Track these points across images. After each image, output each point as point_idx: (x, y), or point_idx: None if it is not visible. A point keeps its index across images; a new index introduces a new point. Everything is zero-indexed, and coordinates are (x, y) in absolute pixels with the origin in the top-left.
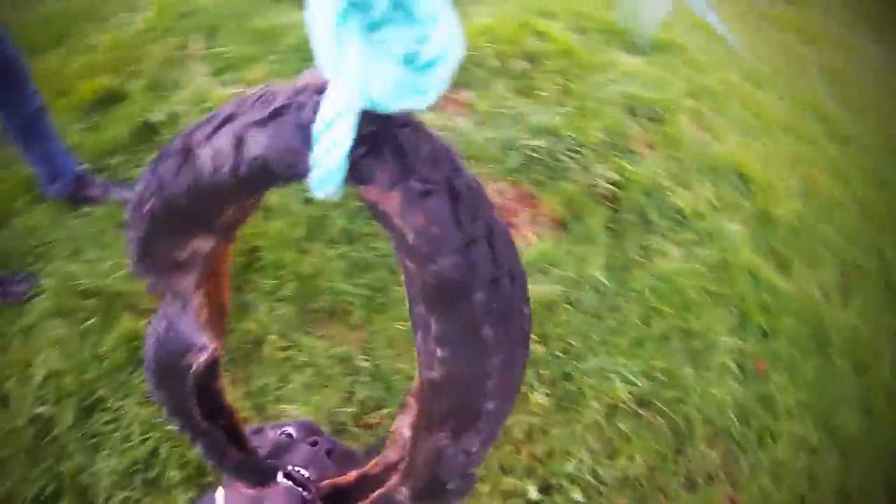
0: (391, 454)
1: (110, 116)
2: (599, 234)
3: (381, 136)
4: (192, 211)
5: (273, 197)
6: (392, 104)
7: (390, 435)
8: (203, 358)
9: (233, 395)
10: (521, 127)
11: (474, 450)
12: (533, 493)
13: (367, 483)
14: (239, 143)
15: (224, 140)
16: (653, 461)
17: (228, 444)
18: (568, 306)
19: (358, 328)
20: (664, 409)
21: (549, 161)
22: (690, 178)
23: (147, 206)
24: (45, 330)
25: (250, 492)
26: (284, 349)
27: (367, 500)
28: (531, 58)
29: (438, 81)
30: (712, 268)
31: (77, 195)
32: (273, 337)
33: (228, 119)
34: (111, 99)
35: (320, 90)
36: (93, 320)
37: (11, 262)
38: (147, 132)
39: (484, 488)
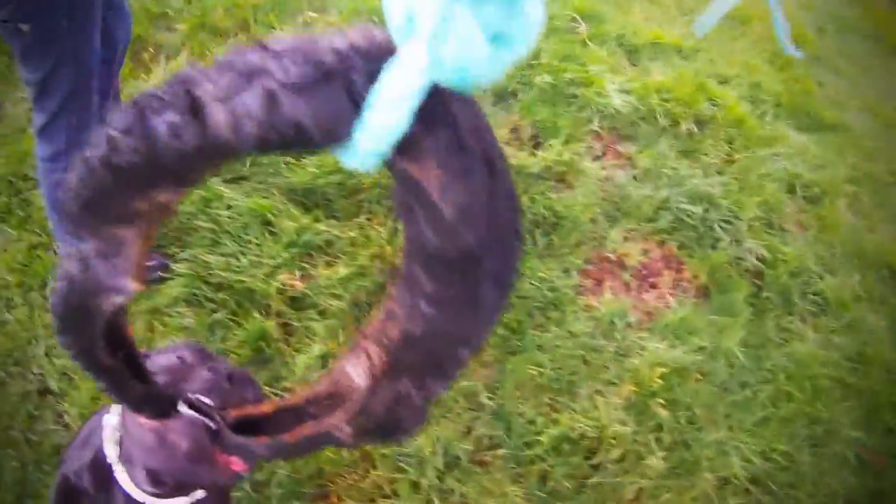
0: (320, 388)
1: None
2: (741, 309)
3: (435, 109)
4: (178, 168)
5: None
6: (464, 80)
7: (328, 370)
8: (121, 301)
9: None
10: (679, 189)
11: (435, 392)
12: None
13: (286, 416)
14: (272, 103)
15: (251, 99)
16: None
17: (131, 378)
18: (699, 375)
19: (488, 366)
20: (776, 489)
21: (701, 228)
22: (838, 264)
23: (122, 159)
24: (172, 316)
25: (151, 423)
26: None
27: (294, 435)
28: (700, 122)
29: (515, 60)
30: (848, 358)
31: None
32: None
33: (253, 75)
34: None
35: (371, 55)
36: (221, 314)
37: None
38: None
39: None
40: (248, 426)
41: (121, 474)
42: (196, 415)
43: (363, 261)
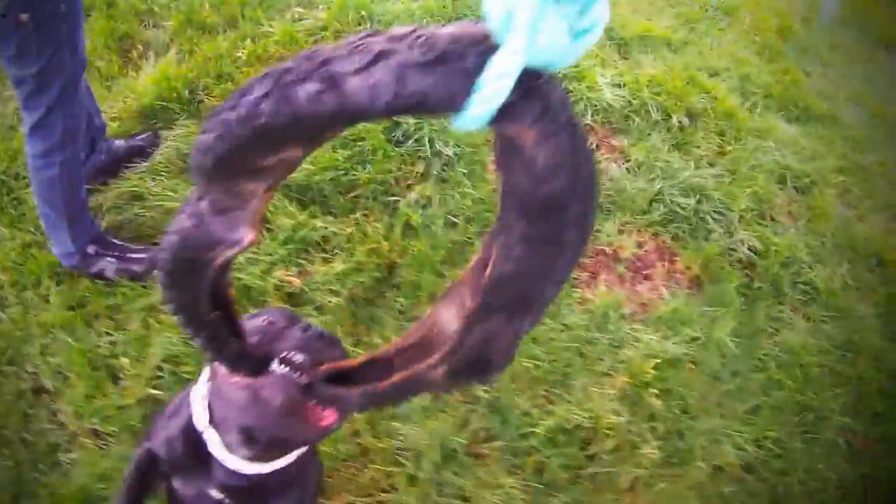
0: (409, 338)
1: None
2: (733, 299)
3: (529, 84)
4: (311, 129)
5: (417, 217)
6: (550, 63)
7: (418, 319)
8: (232, 253)
9: None
10: (672, 182)
11: (523, 330)
12: None
13: (375, 368)
14: (400, 79)
15: (382, 75)
16: None
17: (230, 334)
18: (692, 365)
19: None
20: (768, 476)
21: (694, 219)
22: (828, 254)
23: (259, 121)
24: (168, 313)
25: (245, 381)
26: None
27: (388, 383)
28: (692, 114)
29: (587, 47)
30: (837, 346)
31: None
32: None
33: (382, 56)
34: None
35: (478, 41)
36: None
37: (144, 238)
38: None
39: None
40: (338, 380)
41: (213, 440)
42: (289, 370)
43: (360, 257)
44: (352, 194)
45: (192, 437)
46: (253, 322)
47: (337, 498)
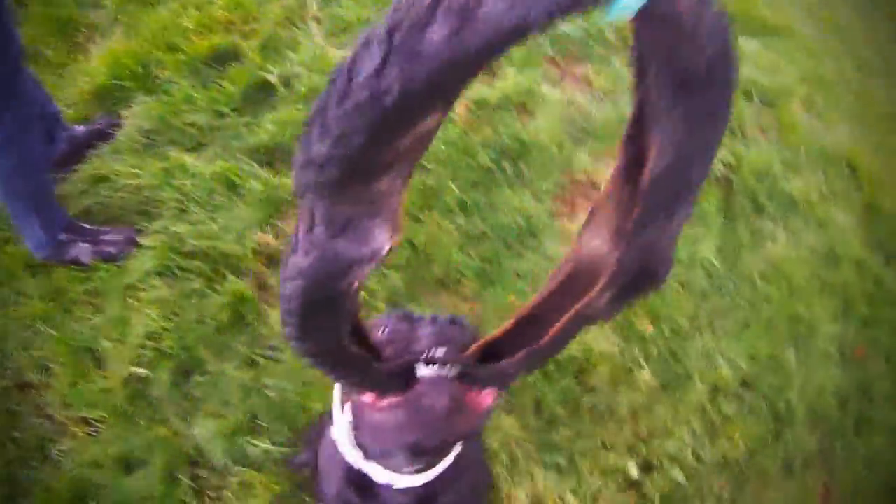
0: (554, 283)
1: (223, 75)
2: (713, 217)
3: None
4: (451, 83)
5: None
6: None
7: (558, 264)
8: (366, 271)
9: None
10: None
11: (677, 230)
12: (634, 472)
13: (524, 327)
14: None
15: None
16: (752, 444)
17: (373, 360)
18: (678, 287)
19: (469, 300)
20: (766, 392)
21: None
22: (801, 165)
23: (390, 97)
24: (146, 290)
25: (396, 400)
26: None
27: (551, 334)
28: None
29: None
30: (820, 256)
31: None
32: (382, 305)
33: None
34: (224, 57)
35: None
36: (196, 282)
37: (116, 220)
38: (261, 90)
39: (585, 465)
40: (490, 357)
41: (378, 472)
42: (440, 369)
43: None
44: None
45: (357, 481)
46: (375, 337)
47: None
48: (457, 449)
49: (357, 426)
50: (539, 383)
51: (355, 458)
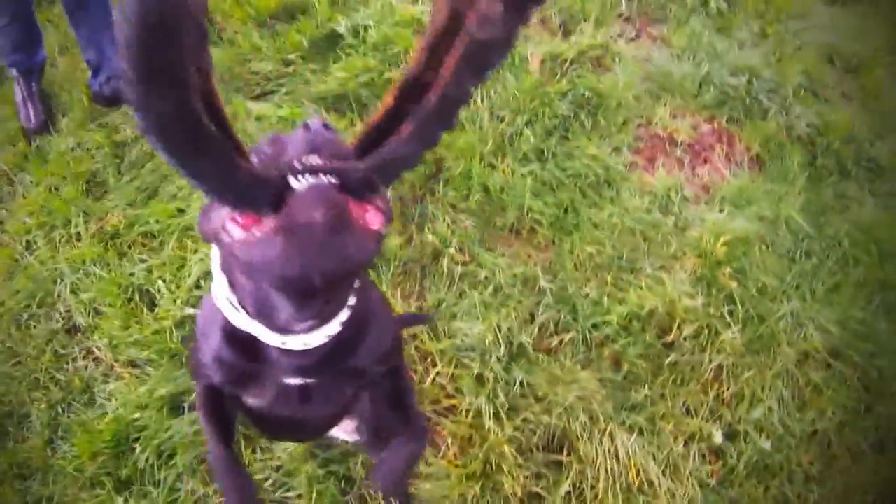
0: (430, 37)
1: (292, 26)
2: (797, 176)
3: None
4: None
5: (462, 112)
6: None
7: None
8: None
9: (406, 310)
10: (719, 64)
11: None
12: (717, 438)
13: (408, 97)
14: None
15: None
16: (842, 416)
17: (237, 153)
18: (763, 246)
19: (543, 248)
20: (858, 360)
21: (747, 100)
22: (887, 130)
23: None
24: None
25: (270, 224)
26: (464, 264)
27: (447, 74)
28: None
29: None
30: None
31: (119, 96)
32: (452, 251)
33: None
34: (293, 10)
35: None
36: None
37: None
38: (329, 41)
39: (666, 427)
40: (378, 138)
41: (261, 331)
42: (317, 177)
43: None
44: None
45: (238, 341)
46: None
47: None
48: (352, 300)
49: (233, 279)
50: (620, 337)
51: (237, 317)
